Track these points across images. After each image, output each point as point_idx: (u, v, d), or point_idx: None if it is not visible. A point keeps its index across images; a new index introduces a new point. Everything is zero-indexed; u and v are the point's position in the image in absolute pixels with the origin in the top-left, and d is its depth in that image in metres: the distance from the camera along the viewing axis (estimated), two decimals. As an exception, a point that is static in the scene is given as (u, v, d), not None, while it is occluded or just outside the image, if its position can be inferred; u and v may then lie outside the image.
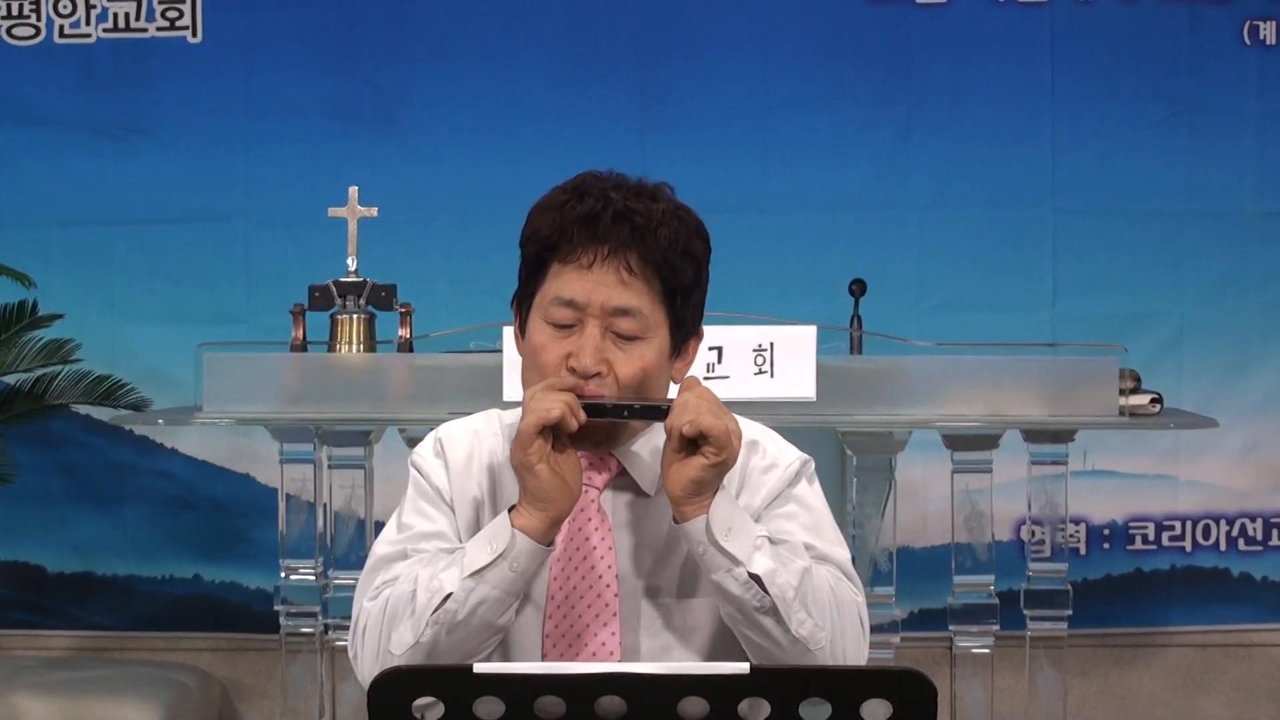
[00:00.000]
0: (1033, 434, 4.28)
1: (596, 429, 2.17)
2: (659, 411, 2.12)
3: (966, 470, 4.32)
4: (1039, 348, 4.91)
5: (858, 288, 4.68)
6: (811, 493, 2.28)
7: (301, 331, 4.33)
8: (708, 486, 2.10)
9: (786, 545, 2.15)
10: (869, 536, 4.26)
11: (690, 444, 2.08)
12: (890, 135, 5.60)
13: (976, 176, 5.58)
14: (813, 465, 2.31)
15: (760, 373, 4.00)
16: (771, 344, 4.02)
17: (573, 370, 2.16)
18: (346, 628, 4.13)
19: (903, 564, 4.39)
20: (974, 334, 5.18)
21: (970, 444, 4.29)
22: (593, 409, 2.12)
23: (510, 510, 2.14)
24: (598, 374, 2.16)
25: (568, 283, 2.17)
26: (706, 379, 3.88)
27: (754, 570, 2.09)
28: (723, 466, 2.09)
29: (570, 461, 2.12)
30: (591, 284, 2.16)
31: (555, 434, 2.10)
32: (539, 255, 2.20)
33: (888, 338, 4.49)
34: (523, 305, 2.25)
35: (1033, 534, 4.34)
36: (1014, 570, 4.59)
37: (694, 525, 2.10)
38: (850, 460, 4.26)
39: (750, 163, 5.60)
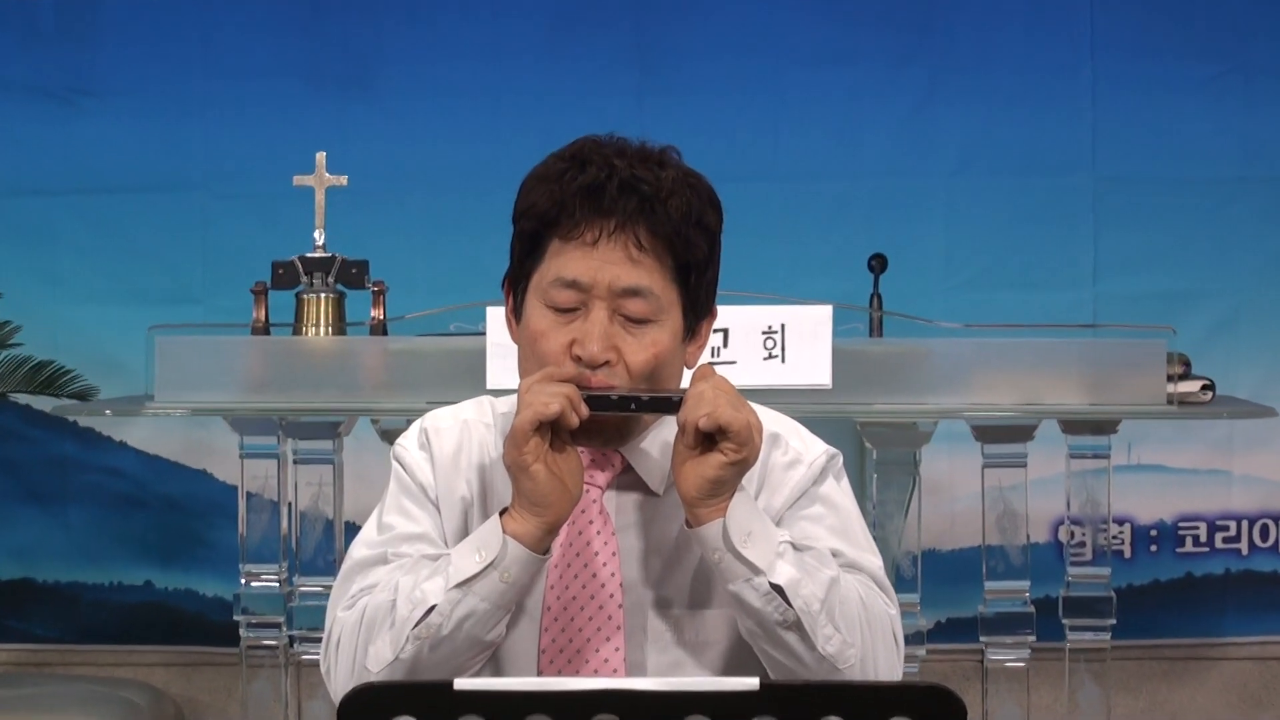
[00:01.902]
0: (1072, 425, 4.30)
1: (604, 424, 2.16)
2: (670, 403, 2.11)
3: (998, 465, 4.33)
4: (1078, 329, 4.92)
5: (877, 263, 4.68)
6: (839, 492, 2.27)
7: (264, 312, 4.34)
8: (725, 487, 2.08)
9: (812, 552, 2.13)
10: (891, 538, 4.28)
11: (706, 439, 2.07)
12: (913, 96, 5.61)
13: (1008, 141, 5.58)
14: (840, 460, 2.30)
15: (770, 357, 4.02)
16: (782, 326, 4.03)
17: (578, 359, 2.14)
18: (313, 640, 4.27)
19: (928, 569, 4.40)
20: (1006, 314, 5.19)
21: (1002, 436, 4.29)
22: (596, 402, 2.10)
23: (502, 514, 2.12)
24: (606, 362, 2.15)
25: (570, 261, 2.15)
26: (715, 363, 3.87)
27: (776, 580, 2.07)
28: (743, 465, 2.08)
29: (570, 461, 2.11)
30: (597, 262, 2.14)
31: (554, 430, 2.08)
32: (536, 231, 2.17)
33: (911, 318, 4.50)
34: (517, 287, 2.23)
35: (1072, 535, 4.36)
36: (1051, 575, 4.61)
37: (709, 529, 2.09)
38: (870, 454, 4.28)
39: (759, 128, 5.61)
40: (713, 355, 3.95)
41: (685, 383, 2.17)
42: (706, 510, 2.08)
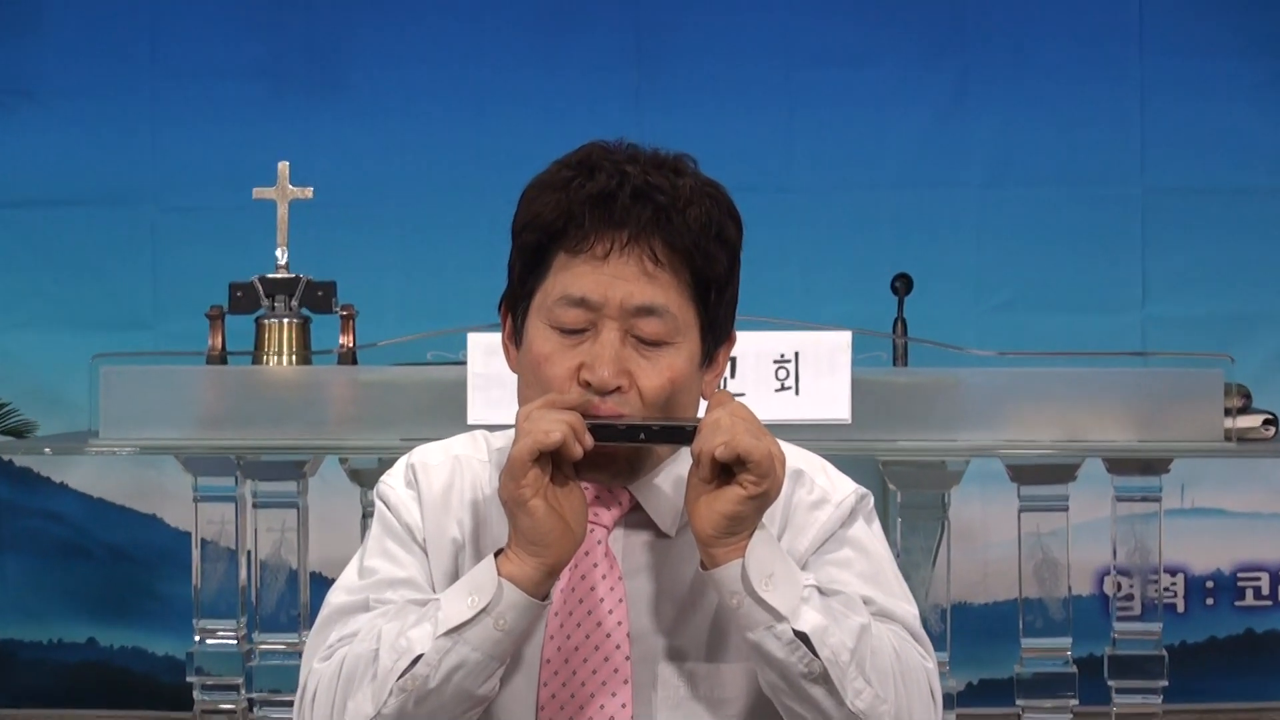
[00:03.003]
0: (1119, 463, 4.32)
1: (613, 456, 2.15)
2: (683, 433, 2.11)
3: (1037, 508, 4.34)
4: (1126, 357, 4.95)
5: (902, 284, 4.67)
6: (870, 535, 2.26)
7: (220, 339, 4.35)
8: (744, 524, 2.08)
9: (840, 597, 2.12)
10: (918, 590, 4.25)
11: (723, 471, 2.06)
12: (941, 98, 5.62)
13: (1048, 147, 5.58)
14: (871, 501, 2.30)
15: (783, 389, 4.04)
16: (796, 354, 4.05)
17: (586, 384, 2.14)
18: (275, 703, 4.27)
19: (959, 624, 4.41)
20: (1045, 340, 5.20)
21: (1041, 476, 4.32)
22: (601, 431, 2.09)
23: (497, 554, 2.11)
24: (617, 388, 2.14)
25: (578, 277, 2.15)
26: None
27: (800, 627, 2.06)
28: (764, 499, 2.07)
29: (573, 497, 2.10)
30: (608, 278, 2.14)
31: (555, 462, 2.07)
32: (539, 245, 2.17)
33: (939, 345, 4.49)
34: (517, 308, 2.22)
35: (1119, 587, 4.37)
36: (1096, 632, 4.63)
37: (726, 571, 2.08)
38: (894, 496, 4.29)
39: (769, 134, 5.61)
40: (718, 387, 3.95)
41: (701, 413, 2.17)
42: (723, 550, 2.08)
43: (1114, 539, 4.34)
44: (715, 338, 2.23)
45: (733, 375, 4.03)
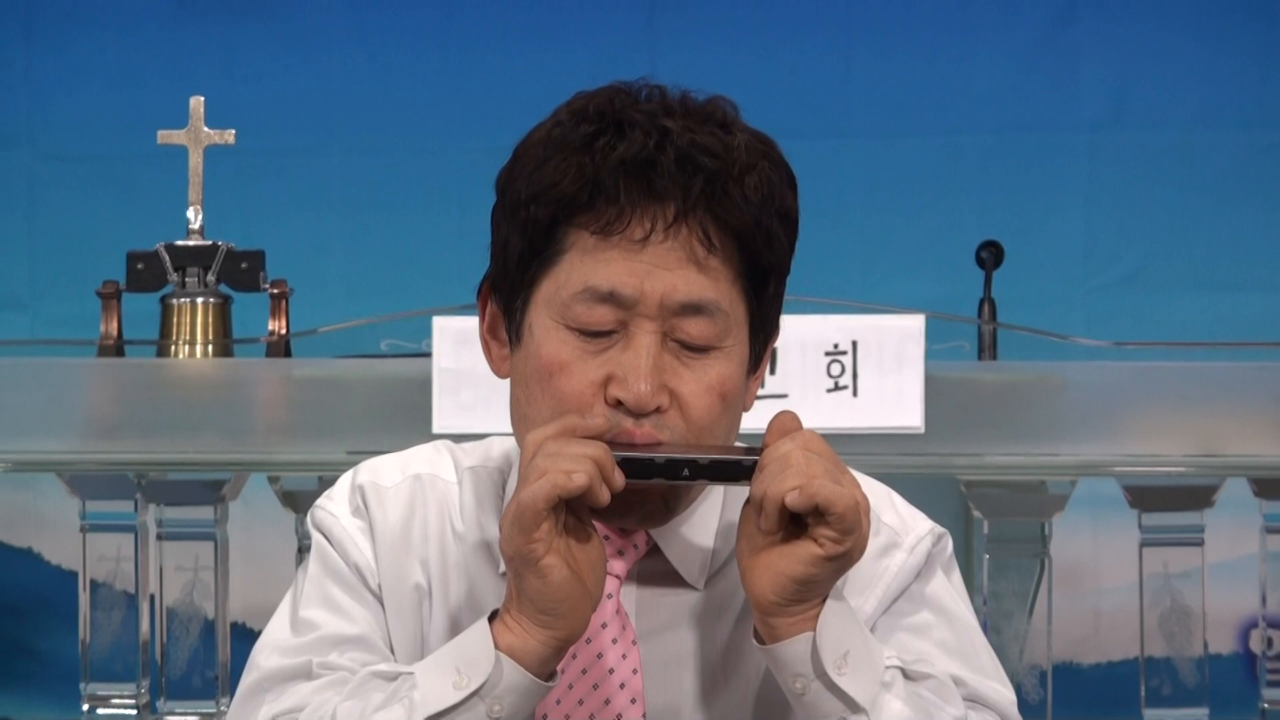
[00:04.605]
0: (1269, 485, 4.34)
1: (644, 496, 2.13)
2: (739, 469, 2.09)
3: (1163, 542, 4.36)
4: (1278, 349, 4.95)
5: (990, 254, 4.68)
6: (952, 591, 2.28)
7: (115, 324, 4.39)
8: (816, 590, 2.07)
9: (930, 683, 2.13)
10: (1009, 647, 4.29)
11: (792, 521, 2.05)
12: (1042, 17, 5.68)
13: (1179, 79, 5.62)
14: (949, 545, 2.30)
15: (836, 389, 4.07)
16: (854, 344, 4.08)
17: (617, 404, 2.12)
18: None
19: (1063, 689, 4.40)
20: (1175, 327, 5.21)
21: (1169, 501, 4.33)
22: (634, 466, 2.07)
23: (491, 619, 2.09)
24: (656, 409, 2.14)
25: (606, 265, 2.13)
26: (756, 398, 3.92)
27: (883, 723, 2.05)
28: (844, 561, 2.06)
29: (591, 551, 2.08)
30: (645, 266, 2.13)
31: (570, 507, 2.05)
32: (553, 221, 2.15)
33: (1038, 333, 4.50)
34: (514, 297, 2.21)
35: (1269, 643, 4.42)
36: (1239, 699, 4.64)
37: (791, 648, 2.07)
38: (979, 527, 4.32)
39: (824, 68, 5.66)
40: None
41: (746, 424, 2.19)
42: (789, 621, 2.07)
43: (1263, 582, 4.37)
44: (765, 336, 2.24)
45: (772, 371, 4.03)
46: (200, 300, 4.37)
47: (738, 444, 2.18)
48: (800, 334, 4.04)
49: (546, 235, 2.16)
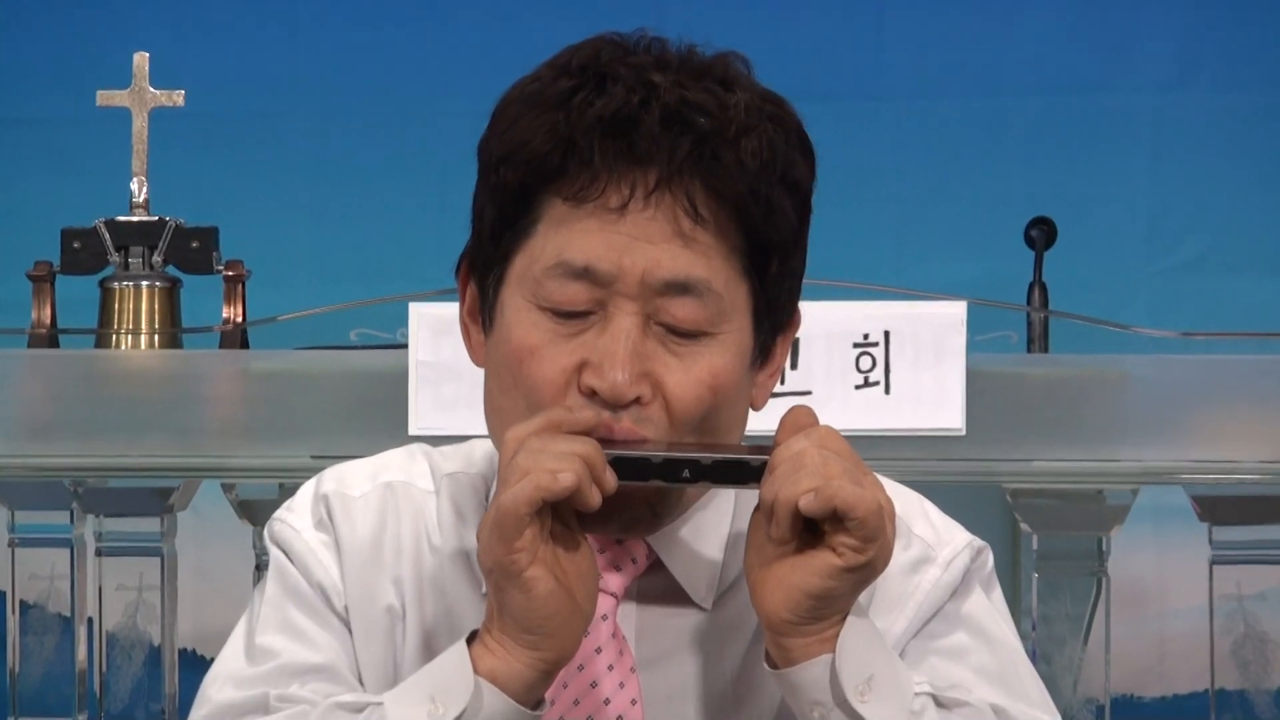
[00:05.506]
0: None
1: (630, 499, 2.10)
2: (746, 470, 2.07)
3: (1237, 559, 4.28)
4: (1371, 342, 4.77)
5: (1041, 233, 4.64)
6: (992, 611, 2.28)
7: (49, 310, 4.38)
8: (835, 606, 2.06)
9: (965, 711, 2.13)
10: (1061, 676, 4.23)
11: (806, 528, 2.03)
12: None
13: (1254, 37, 5.62)
14: (990, 559, 2.31)
15: (866, 385, 4.02)
16: (886, 333, 4.04)
17: (592, 393, 2.10)
18: None
19: None
20: (1250, 316, 5.18)
21: (1244, 513, 4.25)
22: (627, 466, 2.05)
23: (470, 640, 2.08)
24: (635, 399, 2.10)
25: (581, 236, 2.11)
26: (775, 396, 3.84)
27: (910, 758, 2.10)
28: (866, 572, 2.04)
29: (580, 560, 2.07)
30: (625, 239, 2.10)
31: (555, 511, 2.03)
32: (524, 187, 2.13)
33: (1095, 322, 4.44)
34: (488, 273, 2.20)
35: None
36: None
37: (807, 672, 2.06)
38: (1027, 541, 4.26)
39: (852, 20, 5.64)
40: (778, 383, 3.86)
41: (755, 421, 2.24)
42: (804, 641, 2.06)
43: (1351, 606, 4.37)
44: (773, 323, 2.22)
45: (793, 365, 3.99)
46: (145, 284, 4.37)
47: (745, 443, 2.19)
48: (825, 323, 3.99)
49: (518, 202, 2.15)
